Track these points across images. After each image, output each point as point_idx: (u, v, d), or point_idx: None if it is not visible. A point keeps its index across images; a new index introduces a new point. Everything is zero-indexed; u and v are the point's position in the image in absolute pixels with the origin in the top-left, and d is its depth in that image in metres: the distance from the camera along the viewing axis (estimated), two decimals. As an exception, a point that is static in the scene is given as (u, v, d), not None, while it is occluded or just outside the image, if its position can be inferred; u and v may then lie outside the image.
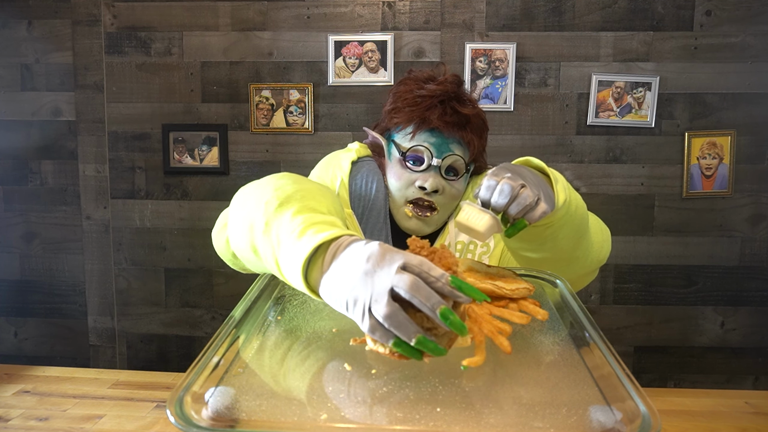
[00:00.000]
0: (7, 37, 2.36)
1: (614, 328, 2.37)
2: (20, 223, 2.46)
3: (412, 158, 1.03)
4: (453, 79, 1.03)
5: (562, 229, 0.81)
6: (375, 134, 1.11)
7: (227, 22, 2.31)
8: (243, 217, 0.76)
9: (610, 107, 2.26)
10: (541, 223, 0.79)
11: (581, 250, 0.88)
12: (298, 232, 0.65)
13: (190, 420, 0.49)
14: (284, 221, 0.69)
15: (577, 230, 0.84)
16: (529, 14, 2.25)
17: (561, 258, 0.86)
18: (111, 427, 1.26)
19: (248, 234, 0.73)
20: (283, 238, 0.67)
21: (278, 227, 0.69)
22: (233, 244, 0.82)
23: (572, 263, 0.89)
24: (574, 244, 0.86)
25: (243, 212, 0.76)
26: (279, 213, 0.70)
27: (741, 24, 2.21)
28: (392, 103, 1.06)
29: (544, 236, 0.80)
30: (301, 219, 0.67)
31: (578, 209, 0.84)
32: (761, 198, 2.29)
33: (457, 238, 1.09)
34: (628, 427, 0.49)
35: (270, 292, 0.81)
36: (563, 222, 0.80)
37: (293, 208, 0.70)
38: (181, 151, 2.36)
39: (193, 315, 2.46)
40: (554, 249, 0.84)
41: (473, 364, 0.59)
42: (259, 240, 0.71)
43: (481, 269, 0.78)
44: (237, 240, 0.78)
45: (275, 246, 0.68)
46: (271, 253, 0.69)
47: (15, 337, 2.52)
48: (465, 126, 1.02)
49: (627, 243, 2.33)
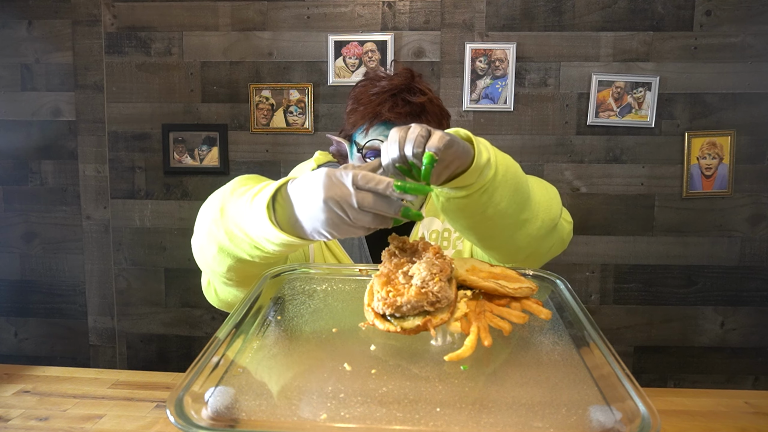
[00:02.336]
0: (7, 37, 2.36)
1: (614, 328, 2.37)
2: (20, 223, 2.46)
3: (371, 153, 1.06)
4: (403, 73, 1.07)
5: (498, 191, 0.81)
6: (337, 138, 1.14)
7: (227, 22, 2.31)
8: (207, 244, 0.84)
9: (610, 107, 2.26)
10: (473, 185, 0.78)
11: (528, 212, 0.88)
12: (247, 202, 0.76)
13: (190, 420, 0.49)
14: (237, 219, 0.78)
15: (516, 191, 0.84)
16: (529, 14, 2.25)
17: (509, 224, 0.86)
18: (111, 427, 1.26)
19: (220, 252, 0.82)
20: (246, 224, 0.76)
21: (237, 225, 0.78)
22: (207, 266, 0.89)
23: (523, 226, 0.88)
24: (518, 207, 0.85)
25: (205, 242, 0.85)
26: (228, 219, 0.79)
27: (741, 24, 2.21)
28: (350, 105, 1.09)
29: (482, 202, 0.80)
30: (247, 195, 0.77)
31: (509, 169, 0.83)
32: (761, 198, 2.29)
33: (431, 227, 1.13)
34: (628, 426, 0.49)
35: (270, 292, 0.81)
36: (497, 184, 0.80)
37: (231, 206, 0.79)
38: (181, 151, 2.36)
39: (193, 315, 2.46)
40: (498, 215, 0.83)
41: (457, 358, 0.60)
42: (230, 246, 0.80)
43: (484, 268, 0.78)
44: (210, 260, 0.85)
45: (244, 234, 0.77)
46: (246, 243, 0.77)
47: (15, 337, 2.52)
48: (420, 115, 1.05)
49: (627, 243, 2.33)
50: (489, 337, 0.64)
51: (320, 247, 1.11)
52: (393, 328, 0.63)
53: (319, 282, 0.85)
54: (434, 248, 0.73)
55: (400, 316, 0.64)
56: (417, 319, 0.63)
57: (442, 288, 0.64)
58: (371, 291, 0.68)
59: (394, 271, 0.70)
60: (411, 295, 0.63)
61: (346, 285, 0.85)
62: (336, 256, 1.10)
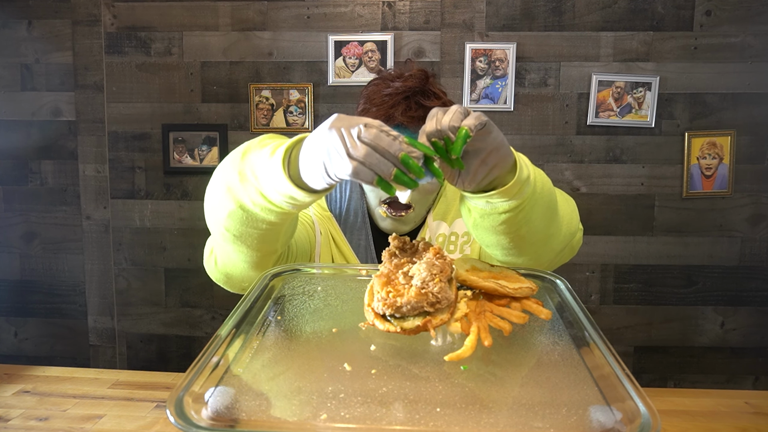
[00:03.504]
0: (7, 37, 2.36)
1: (614, 328, 2.37)
2: (20, 223, 2.46)
3: None
4: (418, 74, 1.04)
5: (534, 210, 0.80)
6: None
7: (227, 22, 2.31)
8: (217, 189, 0.82)
9: (610, 107, 2.26)
10: (512, 202, 0.77)
11: (554, 227, 0.88)
12: (268, 154, 0.74)
13: (190, 420, 0.49)
14: (252, 160, 0.76)
15: (547, 208, 0.84)
16: (529, 14, 2.25)
17: (537, 240, 0.86)
18: (111, 427, 1.26)
19: (228, 195, 0.79)
20: (258, 167, 0.75)
21: (251, 167, 0.76)
22: (217, 227, 0.85)
23: (547, 242, 0.88)
24: (547, 223, 0.85)
25: (216, 187, 0.82)
26: (245, 161, 0.77)
27: (741, 24, 2.21)
28: (362, 105, 1.07)
29: (518, 221, 0.79)
30: (266, 150, 0.75)
31: (545, 185, 0.83)
32: (761, 198, 2.29)
33: (438, 231, 1.12)
34: (628, 427, 0.49)
35: (270, 292, 0.81)
36: (533, 201, 0.79)
37: (253, 152, 0.78)
38: (181, 151, 2.36)
39: (193, 315, 2.46)
40: (530, 233, 0.83)
41: (457, 358, 0.60)
42: (239, 190, 0.77)
43: (484, 268, 0.78)
44: (219, 211, 0.82)
45: (254, 178, 0.75)
46: (253, 189, 0.76)
47: (15, 337, 2.52)
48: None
49: (627, 243, 2.33)
50: (489, 337, 0.64)
51: (328, 243, 1.10)
52: (393, 328, 0.63)
53: (319, 282, 0.85)
54: (435, 249, 0.73)
55: (400, 316, 0.64)
56: (417, 319, 0.63)
57: (442, 289, 0.64)
58: (371, 291, 0.68)
59: (394, 271, 0.70)
60: (411, 295, 0.63)
61: (346, 285, 0.85)
62: (343, 253, 1.10)
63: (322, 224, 1.10)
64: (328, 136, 0.65)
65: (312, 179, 0.69)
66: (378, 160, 0.63)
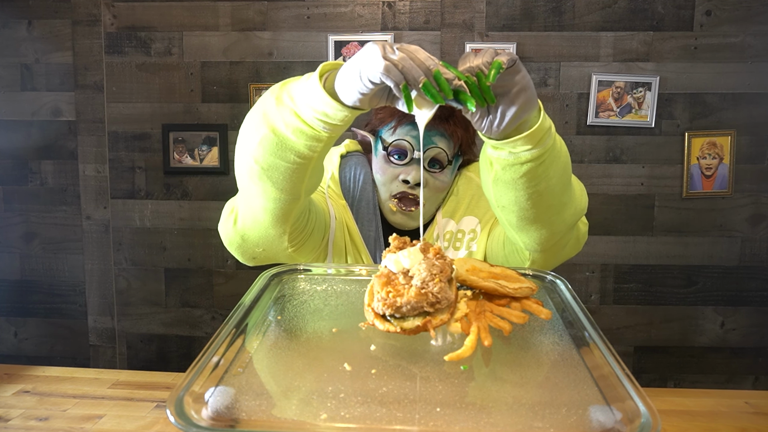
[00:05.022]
0: (7, 37, 2.36)
1: (614, 328, 2.37)
2: (20, 223, 2.46)
3: (395, 152, 1.05)
4: None
5: (553, 164, 0.81)
6: (363, 132, 1.14)
7: (227, 22, 2.31)
8: (253, 118, 0.82)
9: (610, 107, 2.26)
10: (535, 151, 0.78)
11: (568, 195, 0.88)
12: (306, 77, 0.76)
13: (190, 420, 0.49)
14: (290, 86, 0.78)
15: (564, 169, 0.84)
16: (529, 14, 2.25)
17: (553, 204, 0.86)
18: (111, 427, 1.26)
19: (263, 121, 0.80)
20: (295, 89, 0.77)
21: (287, 91, 0.78)
22: (246, 160, 0.84)
23: (561, 210, 0.88)
24: (563, 186, 0.86)
25: (252, 116, 0.83)
26: (283, 88, 0.79)
27: (741, 24, 2.21)
28: None
29: (539, 173, 0.80)
30: (305, 76, 0.77)
31: (563, 143, 0.84)
32: (761, 198, 2.29)
33: (446, 228, 1.12)
34: (628, 427, 0.49)
35: (270, 292, 0.81)
36: (553, 155, 0.80)
37: (293, 81, 0.79)
38: (181, 151, 2.36)
39: (193, 315, 2.46)
40: (548, 192, 0.83)
41: (457, 358, 0.60)
42: (274, 114, 0.78)
43: (484, 268, 0.78)
44: (251, 139, 0.82)
45: (290, 99, 0.77)
46: (288, 110, 0.77)
47: (15, 337, 2.52)
48: (448, 118, 1.05)
49: (627, 243, 2.33)
50: (489, 337, 0.64)
51: (342, 229, 1.10)
52: (393, 328, 0.63)
53: (319, 282, 0.85)
54: (435, 249, 0.73)
55: (400, 316, 0.64)
56: (417, 319, 0.63)
57: (442, 289, 0.64)
58: (371, 291, 0.68)
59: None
60: (411, 295, 0.63)
61: (346, 285, 0.85)
62: (354, 242, 1.10)
63: (337, 211, 1.11)
64: (368, 46, 0.69)
65: (345, 87, 0.71)
66: (410, 65, 0.66)
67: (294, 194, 0.85)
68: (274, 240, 0.92)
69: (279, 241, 0.92)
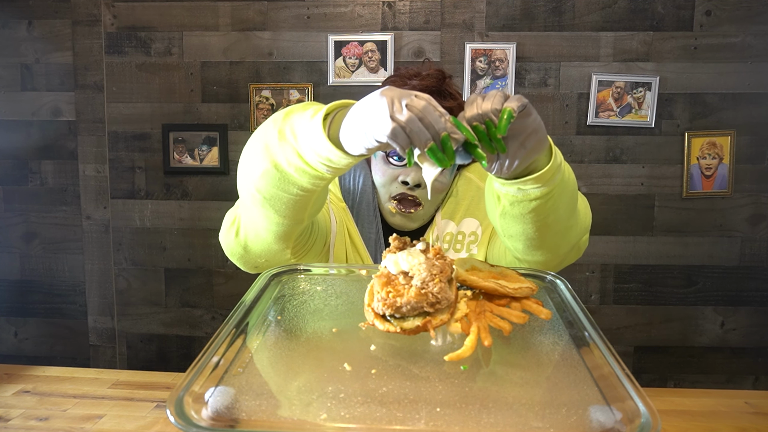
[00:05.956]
0: (7, 37, 2.36)
1: (614, 328, 2.37)
2: (20, 223, 2.46)
3: (394, 153, 1.05)
4: (435, 74, 1.05)
5: (561, 197, 0.80)
6: None
7: (227, 22, 2.31)
8: (254, 148, 0.81)
9: (610, 107, 2.26)
10: (545, 188, 0.77)
11: (573, 218, 0.88)
12: (310, 115, 0.73)
13: (190, 420, 0.49)
14: (293, 120, 0.76)
15: (572, 196, 0.84)
16: (529, 14, 2.25)
17: (559, 230, 0.86)
18: (111, 427, 1.26)
19: (265, 154, 0.78)
20: (298, 127, 0.74)
21: (290, 126, 0.76)
22: (248, 187, 0.84)
23: (567, 233, 0.88)
24: (569, 212, 0.85)
25: (254, 146, 0.81)
26: (286, 121, 0.77)
27: (741, 24, 2.21)
28: None
29: (548, 208, 0.79)
30: (309, 111, 0.75)
31: (570, 172, 0.84)
32: (761, 198, 2.29)
33: (446, 230, 1.12)
34: (628, 426, 0.49)
35: (270, 292, 0.81)
36: (562, 189, 0.79)
37: (296, 113, 0.77)
38: (181, 151, 2.36)
39: (193, 315, 2.46)
40: (555, 222, 0.83)
41: (457, 358, 0.60)
42: (276, 149, 0.77)
43: (484, 268, 0.78)
44: (253, 170, 0.81)
45: (293, 137, 0.75)
46: (290, 148, 0.75)
47: (15, 337, 2.52)
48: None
49: (627, 243, 2.33)
50: (489, 337, 0.64)
51: (342, 233, 1.10)
52: (393, 328, 0.63)
53: (319, 282, 0.85)
54: (435, 249, 0.73)
55: (400, 316, 0.64)
56: (417, 319, 0.63)
57: (442, 289, 0.64)
58: (371, 291, 0.68)
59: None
60: (411, 296, 0.63)
61: (346, 285, 0.85)
62: (355, 245, 1.10)
63: (338, 214, 1.11)
64: (376, 99, 0.66)
65: (350, 140, 0.69)
66: (419, 128, 0.63)
67: (297, 220, 0.85)
68: (277, 253, 0.93)
69: (282, 254, 0.93)
